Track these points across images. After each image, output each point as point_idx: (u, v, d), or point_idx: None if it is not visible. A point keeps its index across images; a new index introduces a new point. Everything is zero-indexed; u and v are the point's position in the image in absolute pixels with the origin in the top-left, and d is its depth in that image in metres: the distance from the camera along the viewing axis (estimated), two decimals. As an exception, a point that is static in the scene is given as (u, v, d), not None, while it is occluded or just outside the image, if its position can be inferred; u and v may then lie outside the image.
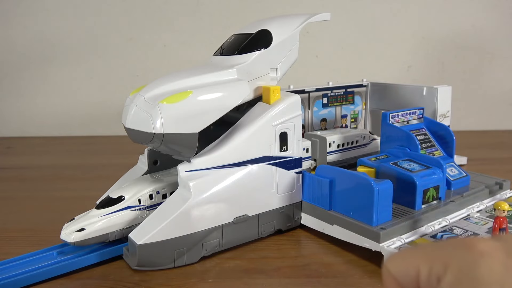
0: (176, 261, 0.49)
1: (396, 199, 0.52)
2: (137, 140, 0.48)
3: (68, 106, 1.29)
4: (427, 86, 0.75)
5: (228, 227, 0.51)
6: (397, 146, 0.62)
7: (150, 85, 0.49)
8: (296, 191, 0.57)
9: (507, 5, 1.20)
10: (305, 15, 0.59)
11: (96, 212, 0.50)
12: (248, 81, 0.53)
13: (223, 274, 0.48)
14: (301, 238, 0.57)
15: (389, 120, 0.63)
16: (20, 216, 0.66)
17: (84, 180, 0.84)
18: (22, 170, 0.93)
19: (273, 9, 1.21)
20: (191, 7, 1.22)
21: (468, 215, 0.55)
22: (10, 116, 1.30)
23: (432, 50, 1.24)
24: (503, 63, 1.24)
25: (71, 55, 1.26)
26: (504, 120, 1.27)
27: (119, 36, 1.25)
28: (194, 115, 0.47)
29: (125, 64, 1.26)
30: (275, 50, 0.56)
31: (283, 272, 0.48)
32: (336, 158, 0.70)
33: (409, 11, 1.22)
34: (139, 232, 0.47)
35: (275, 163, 0.54)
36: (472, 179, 0.63)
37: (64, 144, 1.20)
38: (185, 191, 0.49)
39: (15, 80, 1.28)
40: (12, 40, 1.25)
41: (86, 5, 1.23)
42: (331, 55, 1.25)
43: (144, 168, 0.59)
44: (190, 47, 1.24)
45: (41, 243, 0.53)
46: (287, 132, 0.54)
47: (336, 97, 0.78)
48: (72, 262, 0.48)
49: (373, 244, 0.48)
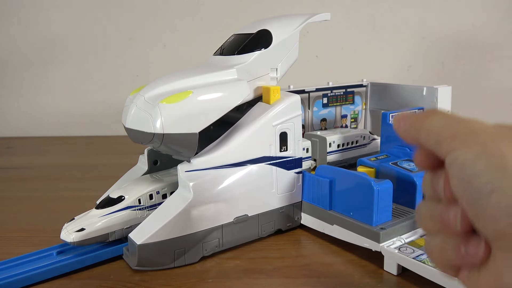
0: (176, 261, 0.49)
1: (396, 199, 0.52)
2: (137, 140, 0.48)
3: (68, 106, 1.29)
4: (427, 86, 0.75)
5: (228, 227, 0.51)
6: (397, 146, 0.62)
7: (150, 85, 0.49)
8: (296, 191, 0.57)
9: (507, 5, 1.20)
10: (305, 15, 0.59)
11: (96, 212, 0.50)
12: (248, 81, 0.53)
13: (223, 274, 0.48)
14: (301, 238, 0.57)
15: (389, 120, 0.63)
16: (20, 216, 0.66)
17: (84, 180, 0.84)
18: (22, 170, 0.93)
19: (273, 9, 1.21)
20: (191, 7, 1.22)
21: (468, 215, 0.55)
22: (10, 116, 1.30)
23: (432, 50, 1.24)
24: (503, 63, 1.24)
25: (71, 55, 1.26)
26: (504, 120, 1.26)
27: (119, 36, 1.25)
28: (194, 115, 0.47)
29: (125, 64, 1.26)
30: (275, 50, 0.56)
31: (283, 272, 0.48)
32: (336, 158, 0.70)
33: (409, 11, 1.22)
34: (139, 232, 0.47)
35: (275, 163, 0.54)
36: (472, 179, 0.63)
37: (64, 144, 1.20)
38: (185, 191, 0.49)
39: (15, 80, 1.28)
40: (12, 40, 1.25)
41: (86, 5, 1.23)
42: (331, 55, 1.25)
43: (144, 168, 0.59)
44: (190, 47, 1.24)
45: (41, 243, 0.53)
46: (287, 132, 0.54)
47: (336, 97, 0.78)
48: (72, 262, 0.48)
49: (373, 244, 0.48)
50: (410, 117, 0.26)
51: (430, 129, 0.24)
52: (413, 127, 0.26)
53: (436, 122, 0.24)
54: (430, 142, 0.24)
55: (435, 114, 0.25)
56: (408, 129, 0.26)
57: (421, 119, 0.25)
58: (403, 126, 0.26)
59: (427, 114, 0.25)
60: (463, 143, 0.22)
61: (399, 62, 1.25)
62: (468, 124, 0.23)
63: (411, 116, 0.26)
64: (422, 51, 1.25)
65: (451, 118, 0.24)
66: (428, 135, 0.24)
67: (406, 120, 0.26)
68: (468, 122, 0.23)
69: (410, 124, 0.26)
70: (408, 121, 0.26)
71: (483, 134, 0.22)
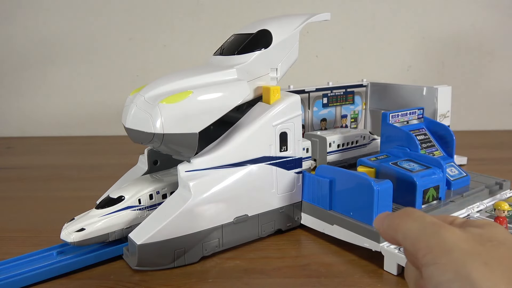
0: (176, 261, 0.49)
1: (396, 199, 0.52)
2: (137, 140, 0.48)
3: (68, 106, 1.29)
4: (427, 86, 0.75)
5: (228, 227, 0.51)
6: (397, 146, 0.62)
7: (150, 85, 0.49)
8: (296, 191, 0.57)
9: (507, 5, 1.20)
10: (305, 15, 0.59)
11: (96, 212, 0.50)
12: (248, 81, 0.53)
13: (223, 274, 0.48)
14: (301, 238, 0.57)
15: (389, 120, 0.63)
16: (20, 216, 0.66)
17: (84, 180, 0.84)
18: (22, 170, 0.93)
19: (273, 9, 1.21)
20: (191, 7, 1.22)
21: (468, 215, 0.55)
22: (10, 116, 1.30)
23: (432, 50, 1.24)
24: (503, 63, 1.24)
25: (71, 55, 1.26)
26: (504, 120, 1.27)
27: (119, 36, 1.25)
28: (194, 115, 0.47)
29: (125, 64, 1.26)
30: (275, 50, 0.56)
31: (283, 272, 0.48)
32: (336, 158, 0.70)
33: (409, 11, 1.22)
34: (139, 232, 0.47)
35: (275, 163, 0.54)
36: (472, 179, 0.63)
37: (64, 144, 1.20)
38: (185, 191, 0.49)
39: (15, 80, 1.28)
40: (12, 40, 1.25)
41: (86, 5, 1.23)
42: (331, 55, 1.25)
43: (144, 168, 0.59)
44: (190, 47, 1.24)
45: (41, 243, 0.53)
46: (287, 132, 0.54)
47: (336, 97, 0.78)
48: (72, 262, 0.48)
49: (373, 244, 0.48)
50: (388, 218, 0.28)
51: (405, 234, 0.26)
52: (391, 229, 0.28)
53: (411, 228, 0.26)
54: (406, 246, 0.26)
55: (409, 218, 0.27)
56: (387, 230, 0.28)
57: (397, 222, 0.27)
58: (382, 226, 0.29)
59: (403, 217, 0.27)
60: (436, 261, 0.24)
61: (399, 62, 1.25)
62: (440, 237, 0.25)
63: (389, 217, 0.28)
64: (422, 51, 1.25)
65: (425, 224, 0.26)
66: (404, 239, 0.26)
67: (385, 220, 0.29)
68: (440, 233, 0.25)
69: (387, 226, 0.28)
70: (386, 222, 0.28)
71: (455, 252, 0.23)
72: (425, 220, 0.26)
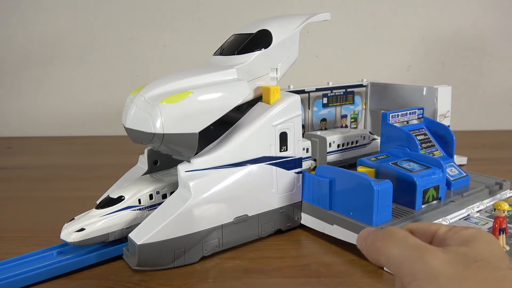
0: (176, 261, 0.49)
1: (396, 199, 0.52)
2: (137, 140, 0.48)
3: (68, 106, 1.29)
4: (427, 86, 0.75)
5: (228, 227, 0.51)
6: (397, 146, 0.62)
7: (150, 85, 0.49)
8: (296, 191, 0.57)
9: (507, 5, 1.20)
10: (305, 15, 0.59)
11: (96, 212, 0.50)
12: (248, 81, 0.53)
13: (223, 274, 0.48)
14: (301, 238, 0.57)
15: (389, 120, 0.63)
16: (20, 216, 0.66)
17: (84, 180, 0.84)
18: (22, 170, 0.93)
19: (273, 9, 1.21)
20: (191, 7, 1.22)
21: (468, 215, 0.55)
22: (10, 116, 1.30)
23: (432, 50, 1.24)
24: (503, 63, 1.24)
25: (71, 55, 1.26)
26: (504, 120, 1.27)
27: (119, 36, 1.25)
28: (194, 115, 0.47)
29: (125, 64, 1.26)
30: (275, 50, 0.56)
31: (283, 272, 0.48)
32: (336, 158, 0.70)
33: (409, 11, 1.22)
34: (139, 232, 0.47)
35: (275, 163, 0.54)
36: (472, 179, 0.63)
37: (64, 144, 1.20)
38: (185, 191, 0.49)
39: (15, 80, 1.28)
40: (12, 40, 1.25)
41: (86, 5, 1.23)
42: (331, 55, 1.25)
43: (144, 168, 0.59)
44: (190, 47, 1.24)
45: (41, 243, 0.53)
46: (287, 132, 0.54)
47: (336, 97, 0.78)
48: (72, 262, 0.48)
49: (373, 244, 0.48)
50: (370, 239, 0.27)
51: (388, 258, 0.26)
52: (374, 251, 0.27)
53: (393, 253, 0.25)
54: (391, 270, 0.26)
55: (391, 241, 0.26)
56: (370, 252, 0.27)
57: (379, 245, 0.26)
58: (365, 246, 0.28)
59: (385, 239, 0.26)
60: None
61: (399, 62, 1.25)
62: (424, 263, 0.24)
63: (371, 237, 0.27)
64: (422, 51, 1.25)
65: (407, 248, 0.25)
66: (388, 264, 0.26)
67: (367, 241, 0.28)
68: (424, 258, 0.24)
69: (370, 248, 0.27)
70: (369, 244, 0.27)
71: (440, 279, 0.23)
72: (407, 243, 0.25)
